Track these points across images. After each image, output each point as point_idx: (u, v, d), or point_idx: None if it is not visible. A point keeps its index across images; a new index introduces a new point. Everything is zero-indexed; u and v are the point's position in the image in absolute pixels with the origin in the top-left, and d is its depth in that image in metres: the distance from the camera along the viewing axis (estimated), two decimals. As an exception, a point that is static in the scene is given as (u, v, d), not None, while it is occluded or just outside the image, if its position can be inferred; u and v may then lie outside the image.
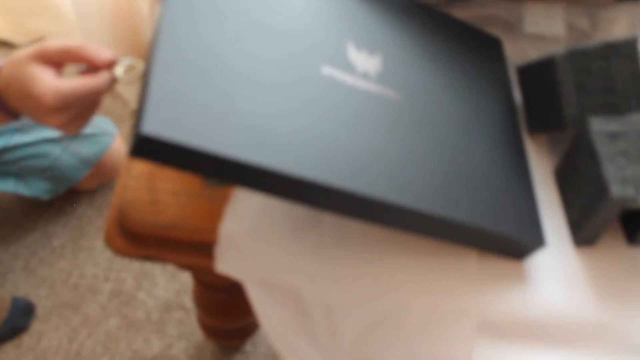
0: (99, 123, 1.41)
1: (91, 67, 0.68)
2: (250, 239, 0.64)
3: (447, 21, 0.73)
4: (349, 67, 0.62)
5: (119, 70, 0.66)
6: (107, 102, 1.68)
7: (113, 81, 0.67)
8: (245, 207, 0.66)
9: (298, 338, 0.65)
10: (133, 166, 0.70)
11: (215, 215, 0.67)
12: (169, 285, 1.40)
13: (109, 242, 0.68)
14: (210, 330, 1.14)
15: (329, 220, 0.66)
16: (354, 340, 0.63)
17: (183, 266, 0.79)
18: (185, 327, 1.35)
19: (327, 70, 0.60)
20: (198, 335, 1.34)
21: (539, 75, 0.69)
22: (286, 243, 0.64)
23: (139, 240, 0.67)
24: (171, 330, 1.34)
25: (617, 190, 0.59)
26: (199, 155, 0.51)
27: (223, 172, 0.52)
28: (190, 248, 0.67)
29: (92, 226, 1.49)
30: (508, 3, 0.74)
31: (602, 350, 0.62)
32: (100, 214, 1.50)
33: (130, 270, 1.43)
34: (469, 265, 0.64)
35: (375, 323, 0.63)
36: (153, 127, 0.49)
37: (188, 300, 1.38)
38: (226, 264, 0.65)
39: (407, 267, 0.64)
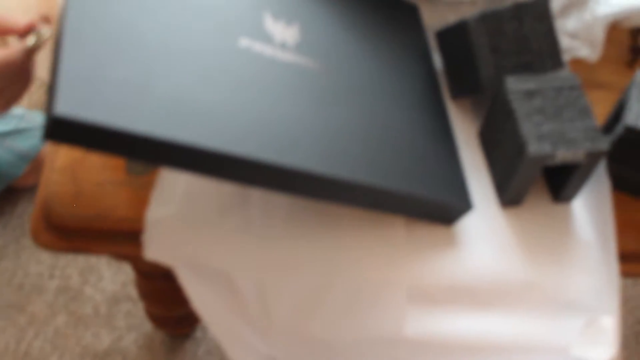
0: (34, 117, 1.38)
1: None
2: (177, 223, 0.63)
3: None
4: (266, 38, 0.61)
5: (30, 40, 0.63)
6: (40, 97, 1.64)
7: (28, 51, 0.63)
8: (170, 192, 0.65)
9: (232, 319, 0.65)
10: (56, 158, 0.69)
11: (140, 202, 0.66)
12: (115, 277, 1.38)
13: (35, 238, 0.67)
14: (157, 320, 1.13)
15: (256, 200, 0.65)
16: (287, 317, 0.63)
17: (115, 256, 0.78)
18: (134, 319, 1.33)
19: (244, 42, 0.59)
20: (147, 325, 1.32)
21: (455, 40, 0.69)
22: (213, 225, 0.64)
23: (65, 233, 0.66)
24: (120, 322, 1.33)
25: (534, 147, 0.60)
26: (118, 135, 0.48)
27: (145, 152, 0.50)
28: (118, 238, 0.66)
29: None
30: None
31: (532, 309, 0.63)
32: (39, 211, 1.47)
33: (75, 265, 1.40)
34: (397, 235, 0.64)
35: (307, 298, 0.63)
36: (67, 107, 0.46)
37: (135, 292, 1.37)
38: (154, 250, 0.64)
39: (336, 241, 0.64)
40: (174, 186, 0.66)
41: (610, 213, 0.66)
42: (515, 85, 0.63)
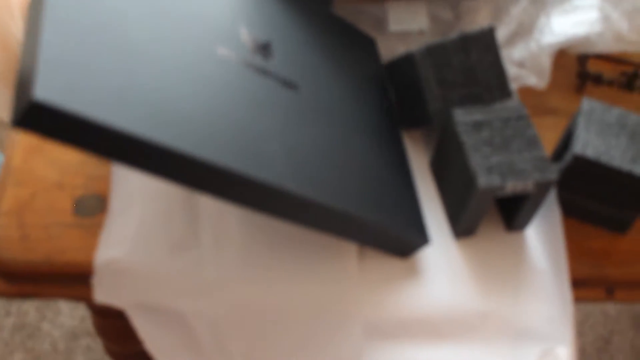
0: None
1: None
2: (127, 264, 0.62)
3: (330, 17, 0.73)
4: (243, 51, 0.60)
5: None
6: (-7, 129, 1.61)
7: None
8: (119, 233, 0.64)
9: (187, 359, 0.64)
10: (2, 202, 0.67)
11: (90, 244, 0.65)
12: (73, 312, 1.36)
13: (-18, 285, 0.65)
14: (117, 356, 1.11)
15: (207, 240, 0.64)
16: (243, 355, 0.62)
17: (68, 298, 0.76)
18: (94, 354, 1.31)
19: (222, 51, 0.58)
20: (108, 360, 1.30)
21: (404, 72, 0.69)
22: (164, 266, 0.63)
23: (13, 279, 0.64)
24: (79, 358, 1.30)
25: (484, 179, 0.60)
26: (96, 129, 0.45)
27: (118, 150, 0.47)
28: (68, 281, 0.65)
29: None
30: (374, 2, 0.75)
31: (489, 340, 0.63)
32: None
33: (31, 302, 1.37)
34: (351, 267, 0.64)
35: (262, 335, 0.62)
36: (47, 93, 0.43)
37: (95, 326, 1.35)
38: (104, 293, 0.63)
39: (289, 277, 0.63)
40: (122, 227, 0.64)
41: (562, 241, 0.67)
42: (463, 117, 0.63)
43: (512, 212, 0.66)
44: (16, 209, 0.66)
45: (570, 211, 0.69)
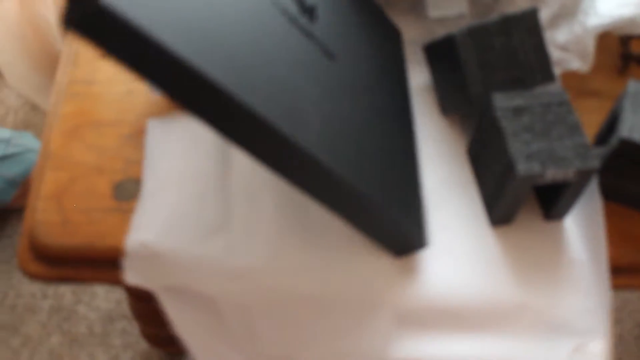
0: (21, 140, 1.36)
1: None
2: (158, 247, 0.62)
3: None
4: (292, 7, 0.59)
5: None
6: (26, 114, 1.63)
7: None
8: (150, 216, 0.64)
9: (216, 343, 0.64)
10: (41, 186, 0.67)
11: (129, 229, 0.65)
12: (109, 295, 1.37)
13: (23, 268, 0.65)
14: (152, 339, 1.12)
15: (238, 225, 0.64)
16: (272, 340, 0.62)
17: (107, 283, 0.76)
18: (130, 337, 1.32)
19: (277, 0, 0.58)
20: (143, 343, 1.31)
21: (443, 54, 0.68)
22: (195, 249, 0.62)
23: (53, 263, 0.65)
24: (116, 341, 1.32)
25: (523, 167, 0.59)
26: (154, 48, 0.43)
27: (165, 73, 0.45)
28: (108, 265, 0.65)
29: (23, 244, 1.44)
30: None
31: (523, 331, 0.62)
32: (30, 231, 1.46)
33: (68, 285, 1.39)
34: (383, 256, 0.63)
35: (292, 321, 0.62)
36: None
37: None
38: (135, 275, 0.63)
39: (319, 264, 0.63)
40: (154, 210, 0.64)
41: (603, 231, 0.65)
42: (503, 102, 0.62)
43: (552, 200, 0.65)
44: (56, 193, 0.67)
45: (615, 196, 0.68)
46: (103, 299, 1.37)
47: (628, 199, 0.67)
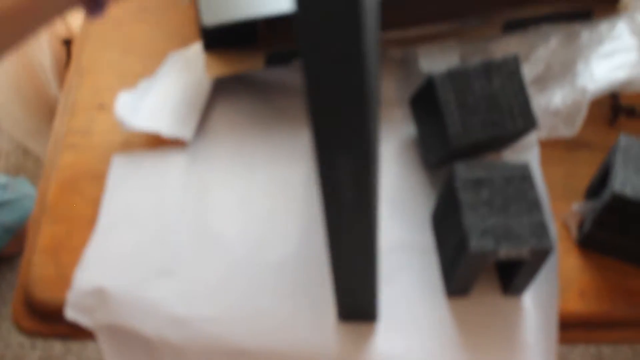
0: (17, 186, 1.36)
1: None
2: (103, 285, 0.63)
3: None
4: None
5: None
6: (18, 158, 1.63)
7: None
8: (100, 254, 0.65)
9: None
10: (37, 239, 0.67)
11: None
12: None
13: (18, 323, 0.65)
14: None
15: (185, 271, 0.65)
16: None
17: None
18: (119, 387, 1.30)
19: None
20: (134, 393, 1.29)
21: (425, 101, 0.69)
22: (139, 291, 0.63)
23: (49, 319, 0.64)
24: (105, 391, 1.30)
25: (476, 243, 0.58)
26: None
27: None
28: (104, 320, 0.65)
29: (13, 292, 1.43)
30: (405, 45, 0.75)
31: None
32: (20, 278, 1.45)
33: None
34: (329, 320, 0.63)
35: None
36: None
37: None
38: (76, 310, 0.63)
39: (262, 318, 0.63)
40: (104, 247, 0.66)
41: (556, 315, 0.64)
42: (464, 173, 0.62)
43: (510, 275, 0.64)
44: (52, 247, 0.67)
45: (608, 250, 0.69)
46: (93, 349, 1.35)
47: (621, 252, 0.68)
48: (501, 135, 0.66)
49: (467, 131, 0.65)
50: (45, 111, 1.48)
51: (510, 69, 0.66)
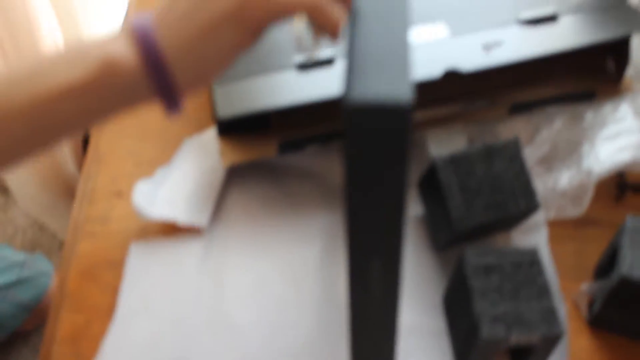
0: (35, 263, 1.37)
1: None
2: None
3: None
4: None
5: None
6: (34, 234, 1.65)
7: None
8: (117, 346, 0.67)
9: None
10: (57, 328, 0.69)
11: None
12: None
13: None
14: None
15: None
16: None
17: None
18: None
19: None
20: None
21: (430, 184, 0.71)
22: None
23: (68, 408, 0.65)
24: None
25: (487, 330, 0.59)
26: None
27: None
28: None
29: (28, 368, 1.43)
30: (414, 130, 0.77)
31: None
32: (35, 354, 1.45)
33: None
34: None
35: None
36: None
37: None
38: None
39: None
40: (122, 337, 0.67)
41: None
42: (474, 259, 0.63)
43: (521, 358, 0.65)
44: (72, 336, 0.68)
45: (619, 329, 0.69)
46: None
47: (631, 331, 0.69)
48: (505, 217, 0.68)
49: (470, 214, 0.67)
50: (62, 188, 1.51)
51: (511, 152, 0.68)
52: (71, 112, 0.47)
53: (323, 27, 0.48)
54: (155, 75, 0.46)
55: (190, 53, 0.46)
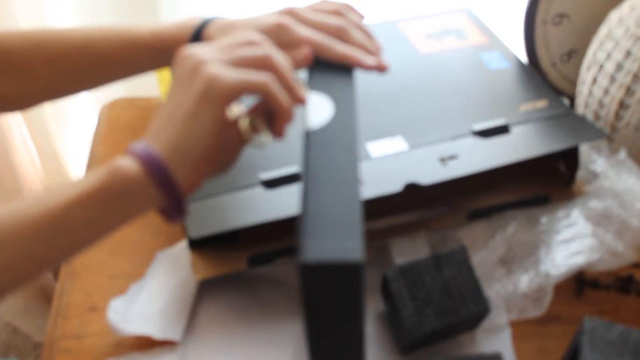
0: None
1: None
2: None
3: None
4: None
5: (234, 111, 0.59)
6: (8, 335, 1.63)
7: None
8: None
9: None
10: None
11: None
12: None
13: None
14: None
15: None
16: None
17: None
18: None
19: None
20: None
21: (388, 294, 0.74)
22: None
23: None
24: None
25: None
26: None
27: None
28: None
29: None
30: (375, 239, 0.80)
31: None
32: None
33: None
34: None
35: None
36: None
37: None
38: None
39: None
40: None
41: None
42: None
43: None
44: None
45: None
46: None
47: None
48: (457, 322, 0.71)
49: (422, 322, 0.70)
50: (34, 290, 1.51)
51: (459, 258, 0.72)
52: (82, 220, 0.53)
53: (274, 109, 0.57)
54: (157, 177, 0.54)
55: (181, 144, 0.54)
